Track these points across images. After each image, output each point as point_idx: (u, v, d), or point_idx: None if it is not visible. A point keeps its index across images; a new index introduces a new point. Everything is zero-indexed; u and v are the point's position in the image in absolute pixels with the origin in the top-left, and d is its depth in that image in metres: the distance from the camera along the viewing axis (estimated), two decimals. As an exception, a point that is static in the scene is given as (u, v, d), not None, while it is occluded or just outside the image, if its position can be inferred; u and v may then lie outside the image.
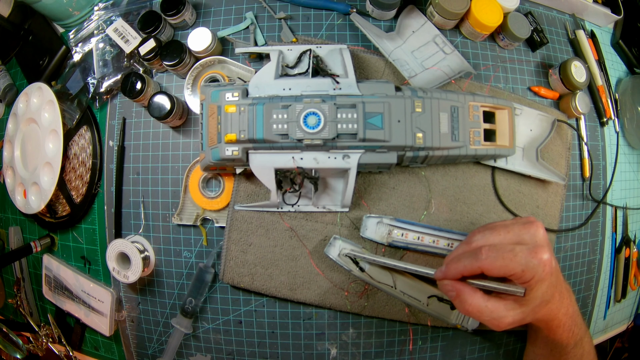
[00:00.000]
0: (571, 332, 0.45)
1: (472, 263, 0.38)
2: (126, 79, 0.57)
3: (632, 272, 0.70)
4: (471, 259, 0.39)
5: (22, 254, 0.64)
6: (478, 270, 0.38)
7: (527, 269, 0.37)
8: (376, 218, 0.55)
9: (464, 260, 0.39)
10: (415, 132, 0.49)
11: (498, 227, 0.41)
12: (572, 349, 0.47)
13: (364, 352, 0.59)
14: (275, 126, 0.47)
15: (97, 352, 0.66)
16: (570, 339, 0.46)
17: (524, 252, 0.37)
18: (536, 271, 0.37)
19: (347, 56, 0.52)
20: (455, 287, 0.40)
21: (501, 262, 0.37)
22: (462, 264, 0.39)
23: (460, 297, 0.39)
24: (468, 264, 0.39)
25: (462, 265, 0.39)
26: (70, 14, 0.62)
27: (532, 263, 0.37)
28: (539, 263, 0.37)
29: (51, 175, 0.60)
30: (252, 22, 0.60)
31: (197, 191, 0.57)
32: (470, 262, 0.39)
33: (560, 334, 0.45)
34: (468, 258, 0.39)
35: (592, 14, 0.69)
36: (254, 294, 0.58)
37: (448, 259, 0.42)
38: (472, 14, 0.58)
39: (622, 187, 0.70)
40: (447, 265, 0.41)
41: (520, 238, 0.40)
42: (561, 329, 0.45)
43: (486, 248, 0.38)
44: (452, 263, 0.40)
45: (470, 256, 0.39)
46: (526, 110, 0.58)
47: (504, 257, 0.37)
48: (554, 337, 0.46)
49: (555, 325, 0.45)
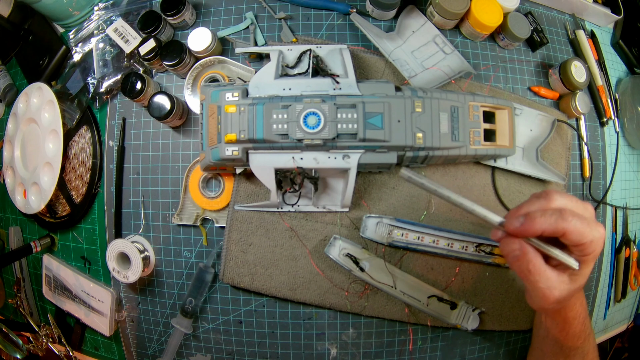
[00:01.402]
0: (584, 324, 0.46)
1: (559, 223, 0.36)
2: (126, 79, 0.57)
3: (632, 272, 0.70)
4: (558, 218, 0.37)
5: (22, 254, 0.64)
6: (561, 231, 0.36)
7: (594, 241, 0.37)
8: (376, 218, 0.55)
9: (549, 218, 0.37)
10: (415, 132, 0.49)
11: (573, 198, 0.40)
12: (581, 343, 0.47)
13: (364, 352, 0.59)
14: (275, 126, 0.47)
15: (97, 352, 0.66)
16: (582, 332, 0.46)
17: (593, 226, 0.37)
18: (597, 245, 0.37)
19: (347, 56, 0.52)
20: (523, 246, 0.38)
21: (581, 229, 0.36)
22: (547, 221, 0.37)
23: (526, 256, 0.37)
24: (554, 222, 0.36)
25: (547, 223, 0.37)
26: (70, 14, 0.62)
27: (596, 237, 0.37)
28: (600, 238, 0.37)
29: (51, 175, 0.60)
30: (252, 22, 0.60)
31: (197, 191, 0.57)
32: (557, 221, 0.36)
33: (575, 327, 0.45)
34: (554, 216, 0.37)
35: (592, 14, 0.69)
36: (254, 294, 0.58)
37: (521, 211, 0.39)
38: (472, 14, 0.58)
39: (622, 187, 0.70)
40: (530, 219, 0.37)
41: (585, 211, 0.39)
42: (577, 320, 0.45)
43: (570, 212, 0.37)
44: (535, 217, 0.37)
45: (556, 215, 0.37)
46: (526, 110, 0.58)
47: (582, 224, 0.36)
48: (568, 331, 0.46)
49: (572, 317, 0.45)
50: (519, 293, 0.58)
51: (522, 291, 0.58)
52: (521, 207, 0.40)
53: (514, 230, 0.38)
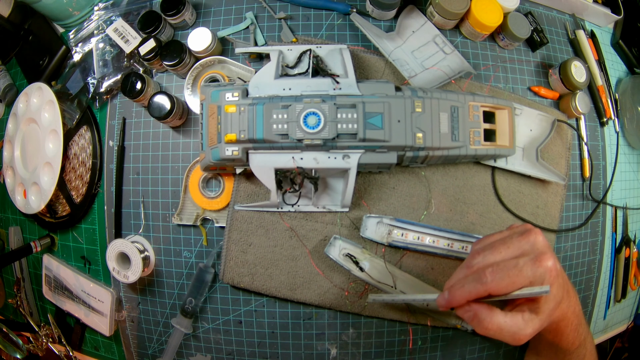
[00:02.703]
0: (577, 331, 0.45)
1: (478, 287, 0.37)
2: (126, 79, 0.57)
3: (632, 272, 0.70)
4: (476, 283, 0.37)
5: (22, 254, 0.64)
6: (485, 293, 0.37)
7: (534, 280, 0.36)
8: (376, 218, 0.55)
9: (468, 286, 0.38)
10: (415, 132, 0.49)
11: (496, 243, 0.40)
12: (576, 348, 0.47)
13: (364, 352, 0.59)
14: (275, 126, 0.47)
15: (97, 352, 0.66)
16: (576, 339, 0.46)
17: (528, 265, 0.37)
18: (544, 279, 0.37)
19: (347, 56, 0.52)
20: (473, 308, 0.38)
21: (507, 281, 0.36)
22: (466, 289, 0.38)
23: (478, 317, 0.38)
24: (473, 289, 0.37)
25: (467, 291, 0.38)
26: (70, 14, 0.62)
27: (538, 273, 0.36)
28: (544, 271, 0.37)
29: (51, 175, 0.60)
30: (252, 22, 0.60)
31: (197, 191, 0.57)
32: (475, 286, 0.37)
33: (568, 334, 0.45)
34: (472, 282, 0.37)
35: (592, 14, 0.69)
36: (254, 294, 0.58)
37: (449, 284, 0.41)
38: (472, 14, 0.58)
39: (622, 187, 0.70)
40: (451, 292, 0.39)
41: (521, 250, 0.39)
42: (569, 328, 0.45)
43: (490, 270, 0.37)
44: (455, 289, 0.39)
45: (475, 280, 0.37)
46: (526, 110, 0.58)
47: (509, 275, 0.36)
48: (561, 339, 0.46)
49: (564, 325, 0.44)
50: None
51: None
52: (451, 278, 0.41)
53: (443, 306, 0.40)
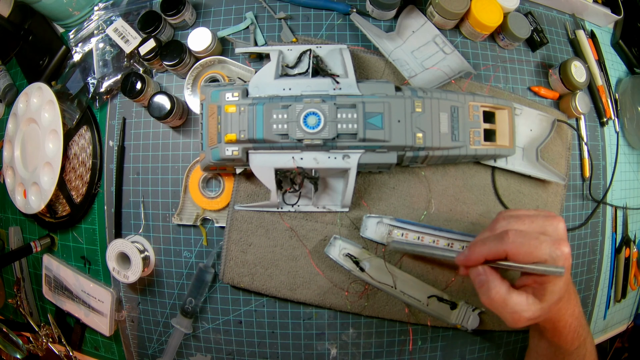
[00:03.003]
0: (576, 333, 0.45)
1: (498, 246, 0.37)
2: (126, 79, 0.57)
3: (632, 272, 0.70)
4: (497, 241, 0.38)
5: (22, 254, 0.64)
6: (503, 254, 0.37)
7: (550, 259, 0.37)
8: (376, 218, 0.55)
9: (489, 243, 0.38)
10: (415, 132, 0.49)
11: (523, 216, 0.41)
12: (575, 349, 0.46)
13: (364, 352, 0.59)
14: (275, 126, 0.47)
15: (97, 352, 0.66)
16: (574, 340, 0.45)
17: (548, 243, 0.37)
18: (558, 263, 0.37)
19: (347, 56, 0.52)
20: (487, 272, 0.38)
21: (527, 248, 0.37)
22: (487, 246, 0.38)
23: (488, 284, 0.38)
24: (493, 246, 0.38)
25: (487, 248, 0.38)
26: (70, 14, 0.62)
27: (555, 254, 0.37)
28: (561, 254, 0.37)
29: (51, 175, 0.60)
30: (252, 22, 0.60)
31: (197, 191, 0.57)
32: (496, 244, 0.37)
33: (566, 336, 0.45)
34: (494, 241, 0.38)
35: (592, 14, 0.69)
36: (254, 294, 0.58)
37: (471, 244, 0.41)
38: (472, 14, 0.58)
39: (622, 187, 0.70)
40: (471, 248, 0.40)
41: (544, 229, 0.39)
42: (567, 329, 0.45)
43: (513, 232, 0.37)
44: (476, 245, 0.39)
45: (496, 239, 0.38)
46: (526, 110, 0.58)
47: (530, 243, 0.37)
48: (559, 339, 0.46)
49: (561, 326, 0.44)
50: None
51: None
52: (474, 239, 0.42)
53: (460, 262, 0.40)
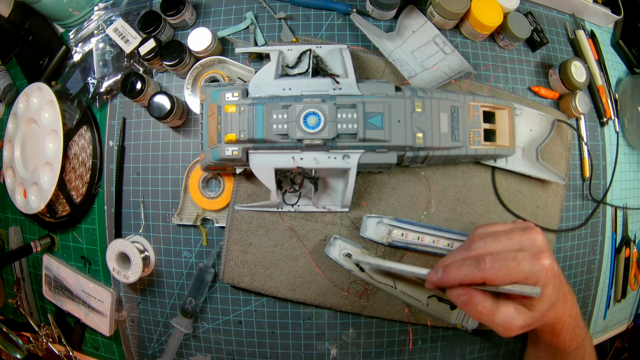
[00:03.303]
0: (574, 333, 0.45)
1: (475, 273, 0.37)
2: (126, 79, 0.57)
3: (632, 272, 0.70)
4: (473, 267, 0.37)
5: (22, 254, 0.64)
6: (480, 280, 0.37)
7: (530, 276, 0.37)
8: (376, 218, 0.55)
9: (465, 269, 0.37)
10: (415, 132, 0.49)
11: (499, 234, 0.40)
12: (574, 350, 0.47)
13: (364, 352, 0.59)
14: (275, 126, 0.47)
15: (97, 352, 0.66)
16: (573, 340, 0.46)
17: (527, 260, 0.37)
18: (539, 277, 0.37)
19: (347, 56, 0.52)
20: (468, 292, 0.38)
21: (505, 272, 0.36)
22: (463, 272, 0.37)
23: (472, 301, 0.37)
24: (470, 272, 0.37)
25: (462, 274, 0.37)
26: (70, 14, 0.62)
27: (535, 269, 0.37)
28: (541, 269, 0.37)
29: (51, 175, 0.60)
30: (252, 22, 0.60)
31: (197, 191, 0.57)
32: (473, 271, 0.37)
33: (564, 336, 0.45)
34: (470, 267, 0.37)
35: (592, 14, 0.69)
36: (254, 294, 0.58)
37: (443, 263, 0.40)
38: (472, 14, 0.58)
39: (622, 187, 0.70)
40: (446, 271, 0.38)
41: (521, 245, 0.39)
42: (565, 330, 0.45)
43: (489, 257, 0.37)
44: (451, 269, 0.38)
45: (473, 265, 0.37)
46: (526, 110, 0.58)
47: (507, 266, 0.36)
48: (558, 340, 0.46)
49: (559, 328, 0.44)
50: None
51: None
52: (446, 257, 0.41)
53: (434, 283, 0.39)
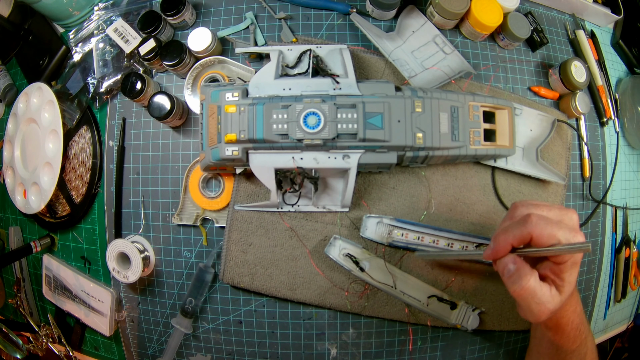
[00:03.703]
0: (578, 330, 0.45)
1: (522, 229, 0.37)
2: (126, 79, 0.57)
3: (632, 272, 0.70)
4: (520, 226, 0.37)
5: (22, 254, 0.64)
6: (528, 237, 0.37)
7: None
8: (376, 218, 0.55)
9: (512, 230, 0.38)
10: (415, 132, 0.49)
11: (540, 204, 0.40)
12: (577, 347, 0.47)
13: (364, 352, 0.59)
14: (275, 126, 0.47)
15: (97, 352, 0.66)
16: (577, 337, 0.46)
17: (566, 230, 0.37)
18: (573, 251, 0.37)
19: (347, 56, 0.52)
20: (517, 261, 0.38)
21: (550, 231, 0.36)
22: (511, 233, 0.37)
23: (519, 272, 0.37)
24: (518, 232, 0.37)
25: (511, 235, 0.37)
26: (70, 14, 0.62)
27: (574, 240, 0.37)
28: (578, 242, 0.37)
29: (51, 175, 0.60)
30: (252, 22, 0.60)
31: (197, 191, 0.57)
32: (520, 229, 0.37)
33: (568, 333, 0.45)
34: (517, 225, 0.37)
35: (592, 14, 0.69)
36: (254, 294, 0.58)
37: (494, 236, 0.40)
38: (472, 14, 0.58)
39: (622, 187, 0.70)
40: (495, 239, 0.39)
41: (561, 218, 0.39)
42: (569, 326, 0.45)
43: (535, 215, 0.37)
44: (499, 235, 0.38)
45: (519, 224, 0.37)
46: (526, 110, 0.58)
47: (552, 227, 0.36)
48: (562, 336, 0.46)
49: (564, 323, 0.44)
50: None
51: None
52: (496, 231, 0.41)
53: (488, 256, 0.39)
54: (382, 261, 0.55)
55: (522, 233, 0.37)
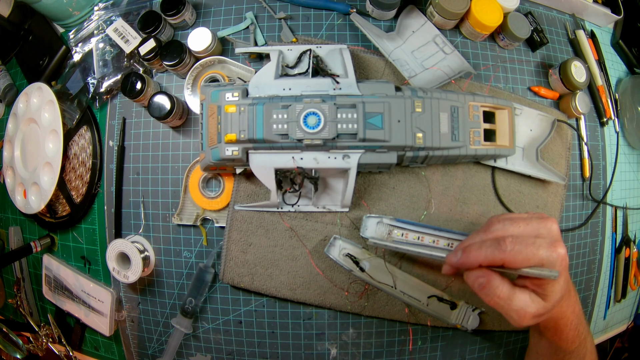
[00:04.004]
0: (577, 330, 0.45)
1: (495, 254, 0.37)
2: (126, 79, 0.57)
3: (632, 272, 0.70)
4: (494, 249, 0.37)
5: (22, 254, 0.64)
6: (500, 261, 0.37)
7: (547, 263, 0.37)
8: (376, 218, 0.54)
9: (485, 250, 0.37)
10: (415, 132, 0.49)
11: (517, 219, 0.40)
12: (576, 347, 0.47)
13: (364, 352, 0.59)
14: (275, 126, 0.47)
15: (97, 352, 0.66)
16: (575, 338, 0.46)
17: (544, 246, 0.37)
18: (555, 265, 0.37)
19: (347, 56, 0.52)
20: (487, 273, 0.38)
21: (524, 255, 0.36)
22: (483, 252, 0.37)
23: (491, 284, 0.37)
24: (490, 254, 0.37)
25: (483, 255, 0.37)
26: (70, 14, 0.62)
27: (552, 257, 0.36)
28: (557, 257, 0.37)
29: (51, 175, 0.60)
30: (252, 22, 0.60)
31: (197, 191, 0.57)
32: (493, 252, 0.37)
33: (567, 333, 0.45)
34: (490, 247, 0.37)
35: (592, 14, 0.69)
36: (254, 294, 0.58)
37: (463, 245, 0.40)
38: (472, 14, 0.58)
39: (622, 187, 0.70)
40: (466, 252, 0.38)
41: (538, 232, 0.39)
42: (568, 327, 0.45)
43: (510, 239, 0.37)
44: (471, 250, 0.38)
45: (493, 246, 0.37)
46: (526, 110, 0.58)
47: (527, 249, 0.36)
48: (560, 337, 0.46)
49: (563, 324, 0.44)
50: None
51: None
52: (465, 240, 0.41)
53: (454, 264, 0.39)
54: (382, 261, 0.55)
55: (495, 257, 0.37)
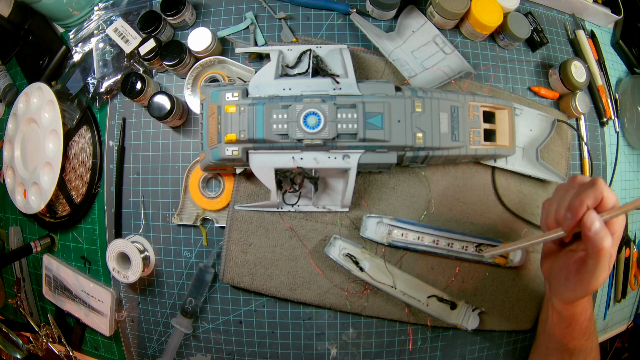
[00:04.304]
0: (590, 321, 0.46)
1: (595, 191, 0.36)
2: (126, 79, 0.57)
3: (632, 272, 0.70)
4: (592, 188, 0.37)
5: (22, 254, 0.64)
6: (600, 197, 0.36)
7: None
8: (376, 218, 0.55)
9: (583, 193, 0.37)
10: (415, 132, 0.49)
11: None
12: (585, 341, 0.47)
13: (364, 352, 0.59)
14: (275, 126, 0.47)
15: (97, 352, 0.66)
16: (587, 329, 0.46)
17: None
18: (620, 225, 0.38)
19: (347, 56, 0.52)
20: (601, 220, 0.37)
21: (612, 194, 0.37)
22: (583, 196, 0.37)
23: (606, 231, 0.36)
24: (591, 193, 0.37)
25: (584, 197, 0.37)
26: (70, 14, 0.62)
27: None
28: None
29: (51, 175, 0.60)
30: (252, 22, 0.60)
31: (197, 191, 0.57)
32: (593, 191, 0.36)
33: (582, 323, 0.46)
34: (587, 189, 0.37)
35: (592, 14, 0.69)
36: (254, 294, 0.58)
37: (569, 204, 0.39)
38: (472, 14, 0.58)
39: (622, 187, 0.70)
40: (572, 208, 0.37)
41: None
42: (583, 316, 0.45)
43: (600, 179, 0.37)
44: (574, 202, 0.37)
45: (589, 187, 0.37)
46: (526, 110, 0.58)
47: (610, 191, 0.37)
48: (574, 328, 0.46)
49: (579, 312, 0.45)
50: (519, 293, 0.58)
51: (523, 291, 0.58)
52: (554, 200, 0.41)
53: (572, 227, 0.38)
54: (382, 261, 0.55)
55: (595, 194, 0.37)
